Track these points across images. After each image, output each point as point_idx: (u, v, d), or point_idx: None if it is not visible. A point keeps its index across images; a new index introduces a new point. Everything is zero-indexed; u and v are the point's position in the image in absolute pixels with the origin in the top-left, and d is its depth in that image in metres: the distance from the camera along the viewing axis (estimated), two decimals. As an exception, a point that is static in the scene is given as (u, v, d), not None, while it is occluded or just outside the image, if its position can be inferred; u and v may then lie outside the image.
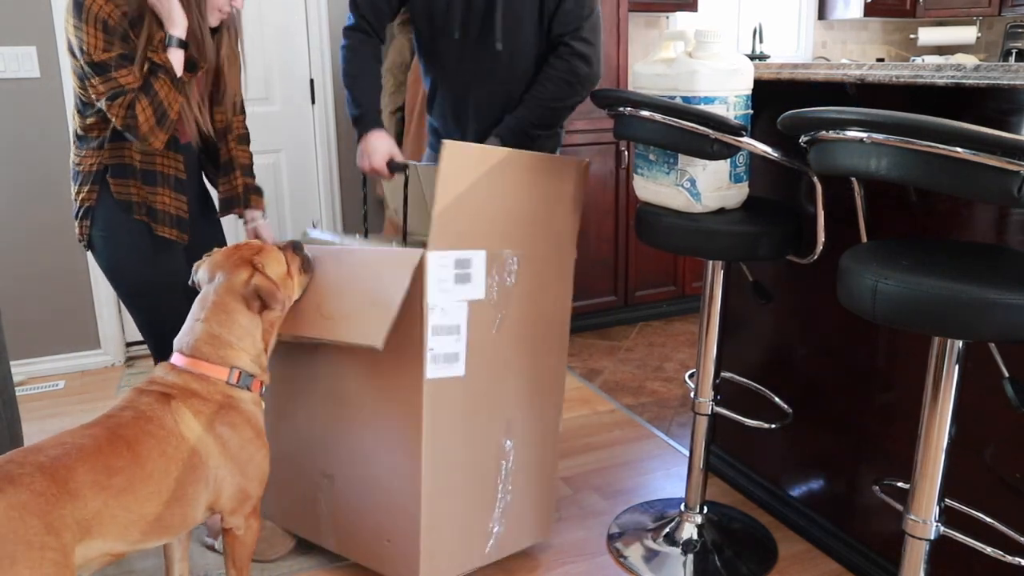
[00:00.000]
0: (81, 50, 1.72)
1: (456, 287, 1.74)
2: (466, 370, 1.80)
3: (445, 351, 1.75)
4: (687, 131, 1.67)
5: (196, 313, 1.66)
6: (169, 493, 1.48)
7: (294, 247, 1.81)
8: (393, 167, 2.09)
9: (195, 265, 1.74)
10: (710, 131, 1.65)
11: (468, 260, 1.75)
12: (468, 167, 1.72)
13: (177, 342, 1.65)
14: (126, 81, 1.73)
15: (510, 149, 1.80)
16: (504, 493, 1.97)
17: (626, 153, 3.64)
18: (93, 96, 1.77)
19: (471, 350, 1.80)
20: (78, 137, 1.90)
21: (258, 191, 2.14)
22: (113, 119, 1.76)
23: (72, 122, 1.91)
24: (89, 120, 1.84)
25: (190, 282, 1.75)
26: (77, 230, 1.93)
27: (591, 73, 2.05)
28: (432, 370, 1.73)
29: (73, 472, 1.36)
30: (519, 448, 1.98)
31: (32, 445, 1.40)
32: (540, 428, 2.03)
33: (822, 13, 4.83)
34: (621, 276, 3.81)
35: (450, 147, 1.68)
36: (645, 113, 1.74)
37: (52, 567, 1.27)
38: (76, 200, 1.92)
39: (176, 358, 1.64)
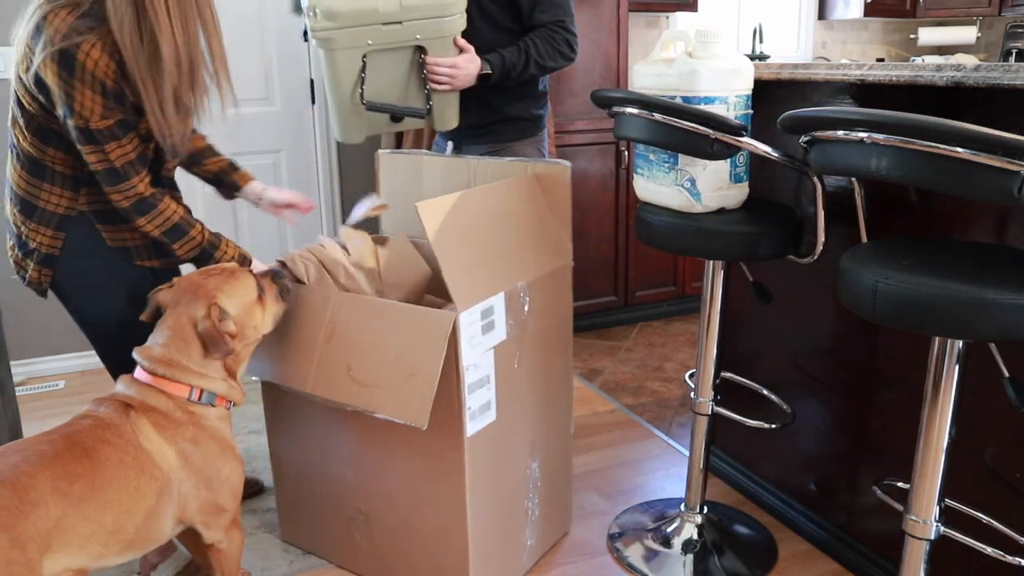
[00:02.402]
0: (71, 109, 1.54)
1: (483, 338, 1.70)
2: (496, 412, 1.78)
3: (480, 403, 1.72)
4: (687, 131, 1.67)
5: (157, 336, 1.61)
6: (130, 503, 1.44)
7: (274, 275, 1.75)
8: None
9: (153, 292, 1.66)
10: (710, 131, 1.64)
11: (491, 307, 1.72)
12: (452, 219, 1.68)
13: (138, 355, 1.61)
14: (142, 190, 1.64)
15: (484, 187, 1.80)
16: (533, 508, 1.98)
17: (626, 153, 3.64)
18: (86, 160, 1.60)
19: (498, 391, 1.77)
20: (33, 161, 1.65)
21: (234, 165, 2.03)
22: (110, 197, 1.63)
23: (12, 133, 1.67)
24: (58, 152, 1.65)
25: (146, 315, 1.66)
26: (30, 273, 1.73)
27: (573, 57, 2.27)
28: (471, 427, 1.70)
29: (35, 480, 1.32)
30: (543, 465, 1.99)
31: None
32: (557, 437, 2.05)
33: (822, 13, 4.83)
34: (621, 276, 3.81)
35: (425, 208, 1.61)
36: (645, 113, 1.74)
37: None
38: (27, 239, 1.69)
39: (139, 372, 1.59)
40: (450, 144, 2.49)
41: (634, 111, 1.77)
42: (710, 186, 1.80)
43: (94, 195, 1.70)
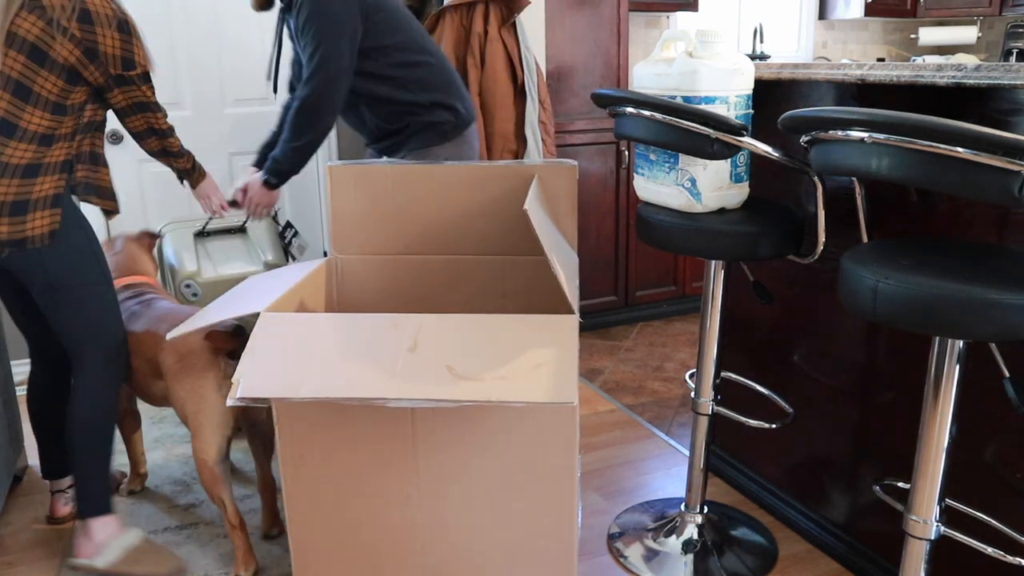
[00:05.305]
0: (132, 62, 1.92)
1: None
2: None
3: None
4: (687, 131, 1.67)
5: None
6: None
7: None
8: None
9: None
10: (710, 131, 1.65)
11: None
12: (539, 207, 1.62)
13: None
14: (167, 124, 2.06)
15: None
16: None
17: (626, 153, 3.65)
18: (140, 98, 1.97)
19: None
20: (43, 136, 1.87)
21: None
22: (131, 125, 2.02)
23: (26, 121, 1.88)
24: (68, 119, 1.91)
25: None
26: (42, 222, 1.88)
27: (312, 104, 2.36)
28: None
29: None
30: None
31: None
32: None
33: (822, 13, 4.84)
34: (621, 276, 3.81)
35: (531, 211, 1.54)
36: (645, 113, 1.74)
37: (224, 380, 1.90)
38: (26, 199, 1.86)
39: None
40: (385, 157, 2.57)
41: (634, 111, 1.77)
42: (710, 186, 1.80)
43: (83, 138, 1.97)
